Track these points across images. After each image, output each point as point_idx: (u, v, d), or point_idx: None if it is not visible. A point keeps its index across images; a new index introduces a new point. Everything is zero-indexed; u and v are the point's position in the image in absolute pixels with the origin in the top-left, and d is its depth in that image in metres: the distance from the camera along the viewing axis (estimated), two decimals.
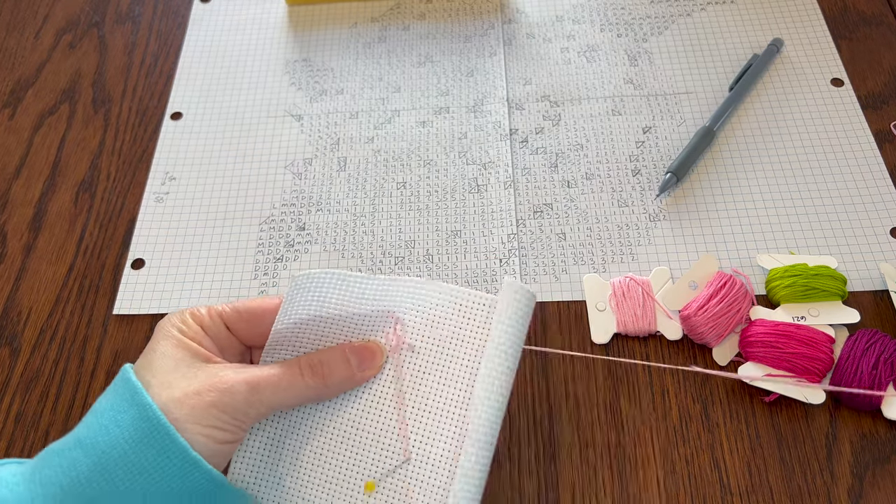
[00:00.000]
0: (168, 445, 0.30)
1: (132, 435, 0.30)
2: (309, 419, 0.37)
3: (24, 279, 0.52)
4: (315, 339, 0.38)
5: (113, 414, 0.31)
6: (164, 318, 0.36)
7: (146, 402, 0.31)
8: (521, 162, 0.55)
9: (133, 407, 0.31)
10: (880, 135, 0.55)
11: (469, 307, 0.38)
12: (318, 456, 0.36)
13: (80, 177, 0.57)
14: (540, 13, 0.64)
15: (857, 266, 0.49)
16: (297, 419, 0.37)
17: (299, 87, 0.61)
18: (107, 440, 0.31)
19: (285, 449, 0.37)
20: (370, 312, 0.38)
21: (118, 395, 0.32)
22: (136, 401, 0.31)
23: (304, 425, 0.37)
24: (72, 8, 0.68)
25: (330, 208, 0.54)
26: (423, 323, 0.38)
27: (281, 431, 0.37)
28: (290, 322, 0.37)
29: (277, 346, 0.37)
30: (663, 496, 0.41)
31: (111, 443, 0.30)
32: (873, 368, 0.42)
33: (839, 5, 0.63)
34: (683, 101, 0.57)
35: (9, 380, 0.48)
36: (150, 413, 0.31)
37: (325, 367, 0.36)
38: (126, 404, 0.31)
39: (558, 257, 0.50)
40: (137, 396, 0.31)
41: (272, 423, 0.37)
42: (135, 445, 0.30)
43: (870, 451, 0.42)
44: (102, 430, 0.31)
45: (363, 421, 0.36)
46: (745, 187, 0.53)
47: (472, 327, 0.37)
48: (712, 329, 0.44)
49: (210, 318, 0.36)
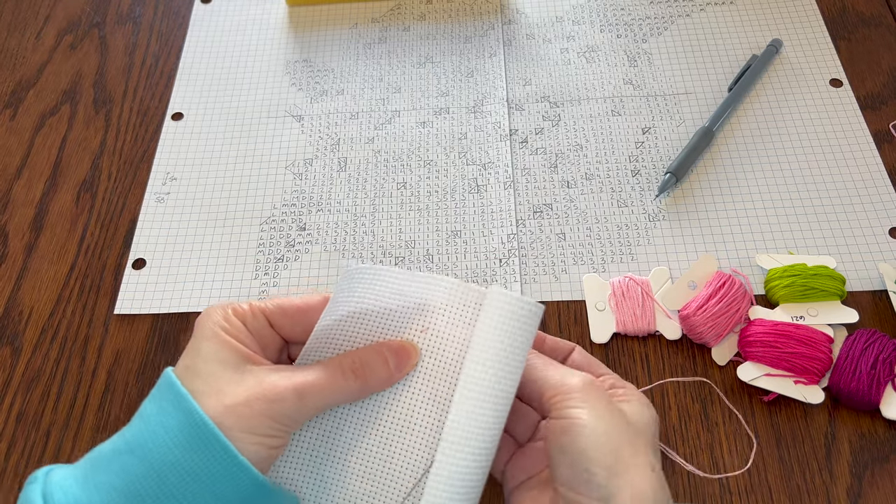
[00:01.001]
0: (217, 450, 0.31)
1: (182, 440, 0.31)
2: (346, 416, 0.37)
3: (25, 279, 0.52)
4: (352, 336, 0.38)
5: (160, 418, 0.31)
6: (205, 314, 0.35)
7: (192, 407, 0.31)
8: (521, 162, 0.55)
9: (179, 412, 0.31)
10: (879, 135, 0.55)
11: (464, 303, 0.37)
12: (358, 451, 0.36)
13: (82, 177, 0.57)
14: (540, 14, 0.64)
15: (856, 266, 0.49)
16: (334, 417, 0.37)
17: (300, 87, 0.61)
18: (157, 445, 0.31)
19: (325, 446, 0.37)
20: (402, 308, 0.38)
21: (164, 400, 0.32)
22: (182, 406, 0.31)
23: (343, 422, 0.37)
24: (73, 8, 0.68)
25: (330, 208, 0.54)
26: (445, 322, 0.37)
27: (319, 430, 0.37)
28: (331, 319, 0.37)
29: (317, 344, 0.38)
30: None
31: (162, 447, 0.31)
32: (872, 368, 0.42)
33: (838, 6, 0.63)
34: (683, 101, 0.58)
35: (10, 379, 0.48)
36: (198, 419, 0.31)
37: (367, 368, 0.35)
38: (172, 408, 0.32)
39: (558, 257, 0.50)
40: (183, 402, 0.31)
41: (311, 423, 0.37)
42: (185, 450, 0.31)
43: (869, 450, 0.42)
44: (152, 434, 0.31)
45: (400, 417, 0.36)
46: (745, 187, 0.53)
47: (461, 326, 0.37)
48: (711, 329, 0.45)
49: (253, 315, 0.35)
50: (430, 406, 0.36)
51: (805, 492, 0.41)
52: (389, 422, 0.37)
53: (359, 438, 0.37)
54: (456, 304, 0.37)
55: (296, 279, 0.51)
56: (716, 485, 0.42)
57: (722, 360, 0.45)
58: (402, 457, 0.36)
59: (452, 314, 0.37)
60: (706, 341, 0.45)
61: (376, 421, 0.37)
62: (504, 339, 0.34)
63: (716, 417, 0.44)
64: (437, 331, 0.37)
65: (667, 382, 0.45)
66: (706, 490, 0.41)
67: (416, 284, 0.37)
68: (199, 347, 0.34)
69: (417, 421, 0.36)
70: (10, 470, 0.44)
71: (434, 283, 0.37)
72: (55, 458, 0.45)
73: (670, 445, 0.43)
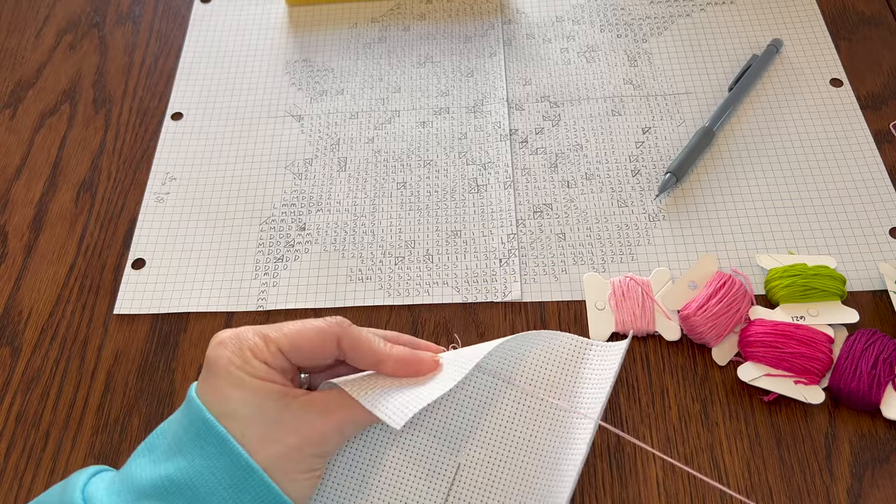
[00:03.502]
0: (263, 493, 0.32)
1: (229, 482, 0.32)
2: (372, 439, 0.39)
3: (24, 279, 0.52)
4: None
5: (204, 461, 0.32)
6: (223, 355, 0.34)
7: (237, 451, 0.32)
8: (521, 162, 0.55)
9: (224, 456, 0.32)
10: (879, 135, 0.55)
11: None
12: (388, 470, 0.38)
13: (81, 177, 0.57)
14: (540, 14, 0.64)
15: (857, 266, 0.49)
16: (362, 440, 0.39)
17: (299, 87, 0.61)
18: (205, 487, 0.32)
19: (357, 469, 0.38)
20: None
21: (204, 440, 0.32)
22: (226, 449, 0.32)
23: (369, 445, 0.39)
24: (72, 8, 0.68)
25: (330, 208, 0.54)
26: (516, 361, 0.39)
27: (349, 453, 0.39)
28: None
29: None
30: (663, 496, 0.41)
31: (210, 490, 0.32)
32: (872, 368, 0.42)
33: (838, 6, 0.63)
34: (683, 101, 0.58)
35: (10, 379, 0.48)
36: (244, 462, 0.32)
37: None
38: (216, 451, 0.32)
39: (558, 257, 0.50)
40: (227, 445, 0.32)
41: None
42: (232, 492, 0.32)
43: (869, 450, 0.42)
44: (198, 476, 0.32)
45: (426, 437, 0.38)
46: (745, 187, 0.53)
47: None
48: (712, 329, 0.45)
49: (271, 353, 0.35)
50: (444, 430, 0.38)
51: (805, 492, 0.41)
52: (422, 441, 0.38)
53: (390, 455, 0.38)
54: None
55: (295, 279, 0.51)
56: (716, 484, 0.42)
57: (722, 360, 0.45)
58: (428, 473, 0.37)
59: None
60: (706, 341, 0.45)
61: (407, 440, 0.39)
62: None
63: (716, 417, 0.44)
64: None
65: (667, 382, 0.45)
66: (706, 490, 0.41)
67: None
68: (229, 394, 0.33)
69: (435, 440, 0.38)
70: (10, 470, 0.44)
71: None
72: (55, 457, 0.45)
73: (670, 445, 0.43)
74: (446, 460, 0.38)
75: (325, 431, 0.34)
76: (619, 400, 0.44)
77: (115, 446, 0.45)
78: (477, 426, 0.39)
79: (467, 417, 0.39)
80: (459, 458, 0.38)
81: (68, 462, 0.44)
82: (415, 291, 0.49)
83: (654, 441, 0.43)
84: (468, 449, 0.38)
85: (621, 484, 0.42)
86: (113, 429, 0.45)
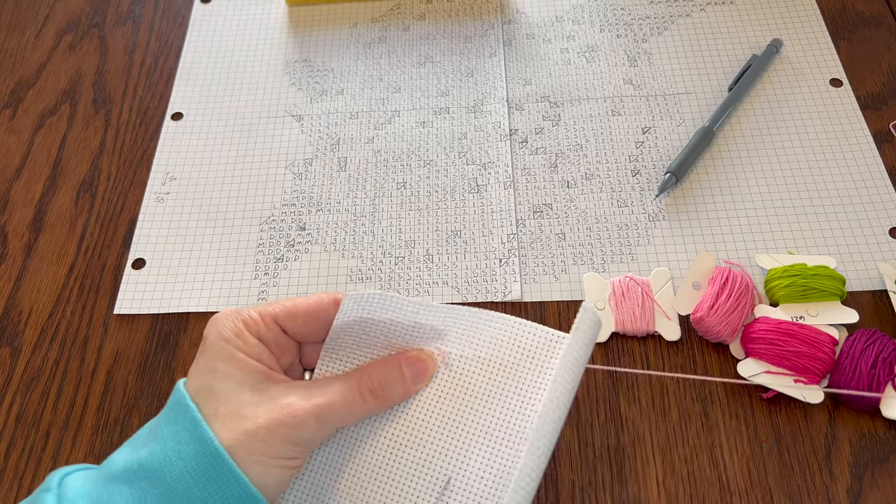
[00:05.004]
0: (231, 482, 0.31)
1: (197, 470, 0.31)
2: (358, 433, 0.38)
3: (24, 279, 0.52)
4: (369, 348, 0.38)
5: (176, 445, 0.32)
6: (215, 327, 0.34)
7: (208, 436, 0.31)
8: (521, 162, 0.55)
9: (195, 441, 0.31)
10: (879, 135, 0.55)
11: (527, 339, 0.38)
12: (369, 469, 0.37)
13: (81, 177, 0.57)
14: (540, 14, 0.64)
15: (856, 266, 0.49)
16: (346, 434, 0.38)
17: (299, 87, 0.61)
18: (172, 472, 0.31)
19: (337, 466, 0.37)
20: (421, 326, 0.38)
21: (179, 425, 0.32)
22: (198, 434, 0.31)
23: (355, 440, 0.37)
24: (72, 8, 0.68)
25: (330, 208, 0.54)
26: (473, 346, 0.38)
27: (332, 448, 0.37)
28: (345, 333, 0.37)
29: (333, 355, 0.37)
30: (663, 496, 0.41)
31: (176, 475, 0.31)
32: (872, 368, 0.42)
33: (838, 6, 0.63)
34: (683, 101, 0.58)
35: (10, 380, 0.48)
36: (213, 448, 0.31)
37: (385, 388, 0.36)
38: (188, 435, 0.32)
39: (558, 257, 0.50)
40: (199, 429, 0.31)
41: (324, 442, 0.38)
42: (198, 479, 0.31)
43: (869, 450, 0.42)
44: (167, 461, 0.31)
45: (412, 433, 0.37)
46: (745, 187, 0.53)
47: (529, 359, 0.37)
48: (727, 326, 0.44)
49: (266, 325, 0.35)
50: (445, 420, 0.36)
51: (805, 492, 0.41)
52: (403, 435, 0.37)
53: (373, 452, 0.37)
54: (470, 328, 0.37)
55: (295, 279, 0.51)
56: (716, 485, 0.42)
57: (740, 354, 0.45)
58: (418, 471, 0.36)
59: (469, 337, 0.38)
60: (723, 339, 0.45)
61: (391, 435, 0.37)
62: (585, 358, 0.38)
63: (716, 417, 0.44)
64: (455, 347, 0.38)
65: (667, 382, 0.45)
66: (706, 490, 0.41)
67: (434, 315, 0.38)
68: (213, 367, 0.33)
69: (433, 434, 0.36)
70: (10, 470, 0.44)
71: (466, 316, 0.38)
72: (55, 457, 0.45)
73: (670, 445, 0.43)
74: (435, 469, 0.37)
75: (301, 415, 0.33)
76: (619, 400, 0.44)
77: (115, 446, 0.45)
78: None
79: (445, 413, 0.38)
80: (450, 470, 0.37)
81: (68, 462, 0.44)
82: (415, 291, 0.50)
83: (654, 441, 0.43)
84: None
85: (621, 484, 0.42)
86: (113, 429, 0.45)
